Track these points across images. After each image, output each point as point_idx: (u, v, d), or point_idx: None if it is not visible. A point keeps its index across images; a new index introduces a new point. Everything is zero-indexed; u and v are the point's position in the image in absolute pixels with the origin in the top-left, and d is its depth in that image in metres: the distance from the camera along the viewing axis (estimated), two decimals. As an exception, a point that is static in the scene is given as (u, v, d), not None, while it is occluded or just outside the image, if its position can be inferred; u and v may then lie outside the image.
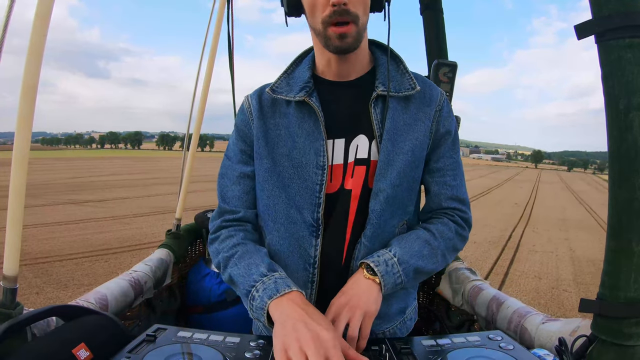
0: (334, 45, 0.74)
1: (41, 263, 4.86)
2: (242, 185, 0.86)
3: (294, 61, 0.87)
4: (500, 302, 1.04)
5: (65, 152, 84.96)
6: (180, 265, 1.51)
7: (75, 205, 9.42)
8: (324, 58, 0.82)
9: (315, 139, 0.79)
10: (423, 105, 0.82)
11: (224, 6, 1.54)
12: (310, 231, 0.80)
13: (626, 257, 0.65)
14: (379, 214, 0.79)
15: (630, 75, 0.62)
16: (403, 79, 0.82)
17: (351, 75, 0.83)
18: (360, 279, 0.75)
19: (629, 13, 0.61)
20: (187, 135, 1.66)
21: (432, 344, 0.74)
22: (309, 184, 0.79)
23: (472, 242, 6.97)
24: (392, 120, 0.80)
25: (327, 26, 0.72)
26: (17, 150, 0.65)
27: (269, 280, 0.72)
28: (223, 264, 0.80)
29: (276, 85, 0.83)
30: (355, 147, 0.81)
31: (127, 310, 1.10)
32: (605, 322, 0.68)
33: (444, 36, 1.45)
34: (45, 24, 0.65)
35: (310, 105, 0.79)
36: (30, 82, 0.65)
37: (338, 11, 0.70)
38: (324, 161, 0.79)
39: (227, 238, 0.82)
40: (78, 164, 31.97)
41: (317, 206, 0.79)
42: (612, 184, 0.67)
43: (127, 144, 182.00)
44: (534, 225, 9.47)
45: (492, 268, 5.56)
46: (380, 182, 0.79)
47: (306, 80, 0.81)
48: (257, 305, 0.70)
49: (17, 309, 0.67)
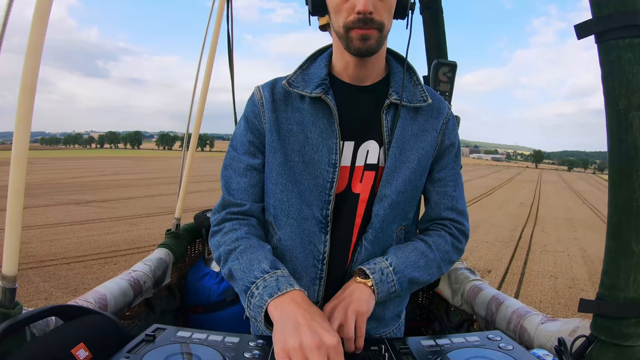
0: (356, 47, 0.73)
1: (48, 266, 4.73)
2: (249, 178, 0.84)
3: (309, 57, 0.86)
4: (500, 302, 1.04)
5: (65, 152, 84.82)
6: (180, 265, 1.51)
7: (79, 206, 9.31)
8: (342, 60, 0.81)
9: (328, 136, 0.79)
10: (431, 117, 0.85)
11: (224, 5, 1.54)
12: (320, 227, 0.80)
13: (625, 257, 0.65)
14: (382, 219, 0.81)
15: (630, 75, 0.62)
16: (416, 90, 0.83)
17: (367, 80, 0.83)
18: (352, 283, 0.77)
19: (629, 13, 0.61)
20: (186, 134, 1.66)
21: (432, 344, 0.74)
22: (319, 181, 0.79)
23: (484, 242, 7.07)
24: (402, 129, 0.81)
25: (349, 29, 0.72)
26: (16, 150, 0.65)
27: (271, 277, 0.70)
28: (224, 257, 0.79)
29: (292, 79, 0.82)
30: (366, 151, 0.81)
31: (126, 310, 1.10)
32: (604, 322, 0.68)
33: (443, 36, 1.45)
34: (44, 23, 0.64)
35: (326, 103, 0.79)
36: (29, 81, 0.65)
37: (363, 19, 0.70)
38: (336, 159, 0.79)
39: (230, 231, 0.81)
40: (79, 163, 31.86)
41: (327, 203, 0.79)
42: (612, 183, 0.67)
43: (126, 144, 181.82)
44: (541, 225, 9.53)
45: (508, 268, 5.60)
46: (385, 188, 0.80)
47: (323, 77, 0.81)
48: (256, 303, 0.69)
49: (16, 309, 0.66)
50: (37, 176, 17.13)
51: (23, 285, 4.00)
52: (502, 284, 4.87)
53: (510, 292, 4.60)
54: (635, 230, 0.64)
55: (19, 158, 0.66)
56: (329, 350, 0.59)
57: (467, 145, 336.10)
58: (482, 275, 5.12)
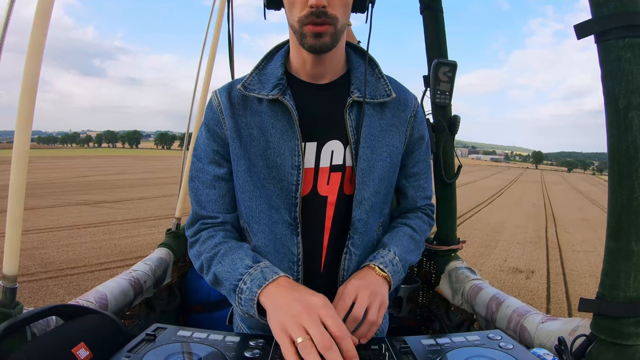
0: (309, 43, 0.71)
1: (69, 275, 4.29)
2: (217, 189, 0.82)
3: (265, 56, 0.83)
4: (500, 301, 1.04)
5: (62, 151, 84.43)
6: (180, 264, 1.51)
7: (90, 206, 8.87)
8: (299, 57, 0.79)
9: (289, 138, 0.77)
10: (398, 110, 0.83)
11: (224, 5, 1.54)
12: (291, 230, 0.78)
13: (625, 256, 0.65)
14: (365, 222, 0.80)
15: (630, 75, 0.63)
16: (378, 84, 0.81)
17: (325, 77, 0.81)
18: (373, 273, 0.77)
19: (629, 13, 0.61)
20: (186, 134, 1.66)
21: (432, 343, 0.74)
22: (284, 185, 0.77)
23: (515, 243, 7.11)
24: (368, 127, 0.79)
25: (303, 24, 0.70)
26: (17, 149, 0.65)
27: (255, 271, 0.71)
28: (206, 265, 0.78)
29: (248, 82, 0.79)
30: (330, 152, 0.79)
31: (126, 310, 1.10)
32: (604, 322, 0.68)
33: (443, 36, 1.45)
34: (45, 22, 0.64)
35: (284, 105, 0.76)
36: (30, 80, 0.65)
37: (315, 12, 0.68)
38: (299, 161, 0.76)
39: (207, 239, 0.80)
40: (79, 162, 31.59)
41: (294, 206, 0.77)
42: (612, 183, 0.67)
43: (124, 143, 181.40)
44: (561, 225, 9.56)
45: (548, 268, 5.63)
46: (363, 191, 0.79)
47: (279, 77, 0.78)
48: (246, 297, 0.69)
49: (16, 309, 0.67)
50: (39, 175, 16.82)
51: (45, 299, 3.61)
52: (549, 285, 4.85)
53: (560, 293, 4.59)
54: (635, 230, 0.64)
55: (20, 157, 0.66)
56: (318, 310, 0.62)
57: (465, 146, 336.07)
58: (527, 276, 5.08)
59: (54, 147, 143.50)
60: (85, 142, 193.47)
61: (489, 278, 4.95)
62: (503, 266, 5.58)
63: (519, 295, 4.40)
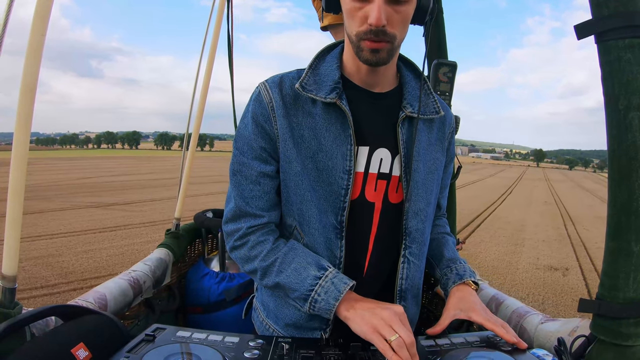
0: (365, 57, 0.72)
1: (94, 285, 3.87)
2: (262, 185, 0.80)
3: (317, 55, 0.83)
4: (500, 301, 1.04)
5: (62, 152, 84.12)
6: (180, 265, 1.51)
7: (101, 209, 8.37)
8: (354, 63, 0.79)
9: (342, 142, 0.77)
10: (443, 126, 0.88)
11: (224, 6, 1.54)
12: (336, 233, 0.79)
13: (625, 257, 0.65)
14: (422, 232, 0.85)
15: (629, 75, 0.62)
16: (428, 100, 0.84)
17: (378, 86, 0.82)
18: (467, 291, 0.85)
19: (629, 13, 0.61)
20: (186, 134, 1.66)
21: (431, 344, 0.74)
22: (334, 188, 0.77)
23: (541, 241, 7.14)
24: (419, 141, 0.82)
25: (361, 39, 0.70)
26: (16, 150, 0.65)
27: (325, 282, 0.74)
28: (262, 273, 0.80)
29: (305, 82, 0.78)
30: (379, 159, 0.80)
31: (126, 310, 1.10)
32: (604, 322, 0.68)
33: (444, 36, 1.45)
34: (44, 23, 0.64)
35: (341, 109, 0.77)
36: (29, 81, 0.65)
37: (374, 31, 0.68)
38: (350, 166, 0.77)
39: (257, 244, 0.80)
40: (81, 163, 31.12)
41: (342, 210, 0.78)
42: (612, 183, 0.67)
43: (124, 144, 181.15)
44: (579, 223, 9.54)
45: (580, 265, 5.62)
46: (418, 202, 0.82)
47: (336, 80, 0.78)
48: (323, 307, 0.74)
49: (16, 309, 0.66)
50: (42, 177, 16.33)
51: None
52: (587, 283, 4.78)
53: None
54: (635, 230, 0.64)
55: (20, 158, 0.66)
56: (399, 315, 0.70)
57: (464, 145, 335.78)
58: (564, 273, 5.06)
59: (53, 149, 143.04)
60: (85, 143, 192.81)
61: (528, 276, 4.94)
62: (538, 264, 5.56)
63: (563, 293, 4.36)
